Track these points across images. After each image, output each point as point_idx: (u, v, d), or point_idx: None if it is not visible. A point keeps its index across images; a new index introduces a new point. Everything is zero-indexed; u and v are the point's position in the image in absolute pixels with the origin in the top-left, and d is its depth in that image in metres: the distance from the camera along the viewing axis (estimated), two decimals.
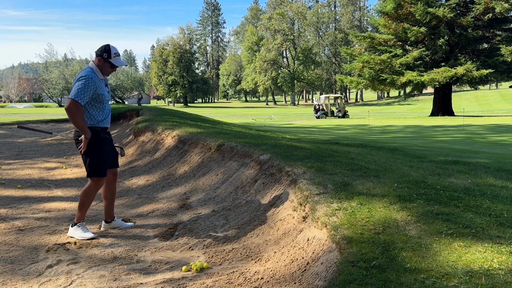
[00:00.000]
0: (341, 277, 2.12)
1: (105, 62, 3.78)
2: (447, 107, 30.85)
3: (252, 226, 3.67)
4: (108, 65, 3.80)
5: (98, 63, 3.78)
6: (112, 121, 15.77)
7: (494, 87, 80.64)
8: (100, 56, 3.77)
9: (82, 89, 3.58)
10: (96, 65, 3.78)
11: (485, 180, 4.00)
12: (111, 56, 3.79)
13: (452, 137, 13.57)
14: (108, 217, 4.09)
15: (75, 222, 3.85)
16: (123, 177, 6.89)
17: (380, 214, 2.81)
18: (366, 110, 46.62)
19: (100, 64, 3.79)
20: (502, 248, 2.27)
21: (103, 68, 3.80)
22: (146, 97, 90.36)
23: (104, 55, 3.75)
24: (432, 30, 28.68)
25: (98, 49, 3.80)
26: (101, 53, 3.76)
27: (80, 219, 3.84)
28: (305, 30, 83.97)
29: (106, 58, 3.77)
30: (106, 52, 3.76)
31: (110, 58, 3.78)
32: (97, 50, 3.80)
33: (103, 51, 3.77)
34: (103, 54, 3.75)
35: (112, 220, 4.09)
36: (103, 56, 3.76)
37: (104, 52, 3.76)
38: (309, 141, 7.14)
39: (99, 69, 3.79)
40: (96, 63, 3.79)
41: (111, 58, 3.79)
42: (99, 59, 3.77)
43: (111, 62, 3.80)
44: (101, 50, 3.78)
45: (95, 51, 3.82)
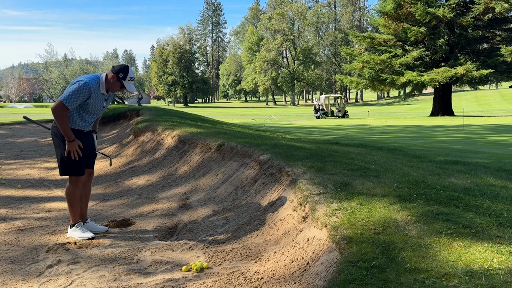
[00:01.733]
0: (341, 277, 2.12)
1: (117, 81, 3.74)
2: (447, 107, 30.85)
3: (252, 226, 3.67)
4: (118, 85, 3.75)
5: (111, 79, 3.73)
6: (112, 121, 15.80)
7: (494, 87, 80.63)
8: (115, 74, 3.72)
9: (74, 94, 3.52)
10: (108, 80, 3.74)
11: (485, 180, 4.01)
12: (126, 79, 3.75)
13: (452, 137, 13.57)
14: (80, 218, 3.96)
15: (72, 223, 3.84)
16: (123, 177, 6.89)
17: (380, 214, 2.81)
18: (366, 110, 46.62)
19: (112, 82, 3.74)
20: (502, 248, 2.27)
21: (112, 85, 3.76)
22: (146, 97, 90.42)
23: (120, 75, 3.72)
24: (432, 30, 28.69)
25: (117, 66, 3.77)
26: (117, 72, 3.72)
27: (75, 220, 3.81)
28: (305, 30, 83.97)
29: (121, 78, 3.73)
30: (123, 73, 3.73)
31: (124, 80, 3.74)
32: (115, 67, 3.76)
33: (120, 71, 3.73)
34: (119, 74, 3.72)
35: (84, 222, 3.96)
36: (118, 75, 3.72)
37: (121, 72, 3.72)
38: (309, 141, 7.15)
39: (107, 84, 3.74)
40: (108, 78, 3.74)
41: (125, 80, 3.75)
42: (113, 76, 3.72)
43: (123, 84, 3.76)
44: (119, 69, 3.74)
45: (114, 66, 3.78)
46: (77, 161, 3.70)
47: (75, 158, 3.66)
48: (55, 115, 3.52)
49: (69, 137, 3.61)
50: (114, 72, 3.71)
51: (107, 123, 16.02)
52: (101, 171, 7.66)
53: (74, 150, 3.64)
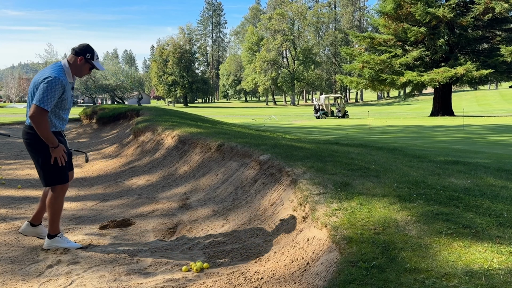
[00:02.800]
0: (341, 277, 2.12)
1: (86, 63, 3.38)
2: (447, 107, 30.86)
3: (252, 226, 3.67)
4: (88, 67, 3.40)
5: (78, 62, 3.34)
6: (112, 121, 15.80)
7: (494, 87, 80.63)
8: (82, 56, 3.34)
9: (49, 93, 3.13)
10: (73, 65, 3.35)
11: (485, 180, 4.00)
12: (94, 58, 3.41)
13: (452, 137, 13.57)
14: (36, 219, 3.63)
15: (51, 234, 3.44)
16: (123, 177, 6.90)
17: (380, 214, 2.81)
18: (366, 110, 46.63)
19: (80, 64, 3.36)
20: (502, 248, 2.27)
21: (81, 69, 3.39)
22: (146, 97, 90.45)
23: (88, 55, 3.36)
24: (432, 30, 28.70)
25: (79, 47, 3.37)
26: (83, 53, 3.34)
27: (56, 230, 3.45)
28: (305, 30, 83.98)
29: (89, 59, 3.38)
30: (90, 52, 3.37)
31: (93, 59, 3.39)
32: (78, 48, 3.36)
33: (86, 51, 3.36)
34: (86, 54, 3.35)
35: (38, 224, 3.65)
36: (85, 56, 3.36)
37: (88, 52, 3.36)
38: (309, 141, 7.14)
39: (74, 69, 3.37)
40: (72, 62, 3.34)
41: (93, 60, 3.40)
42: (81, 59, 3.34)
43: (94, 65, 3.40)
44: (84, 49, 3.37)
45: (74, 48, 3.36)
46: (62, 168, 3.36)
47: (62, 164, 3.32)
48: (36, 122, 3.13)
49: (53, 143, 3.23)
50: (80, 54, 3.34)
51: (107, 123, 16.02)
52: (101, 171, 7.67)
53: (60, 156, 3.29)
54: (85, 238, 3.80)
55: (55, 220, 3.44)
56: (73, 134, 16.20)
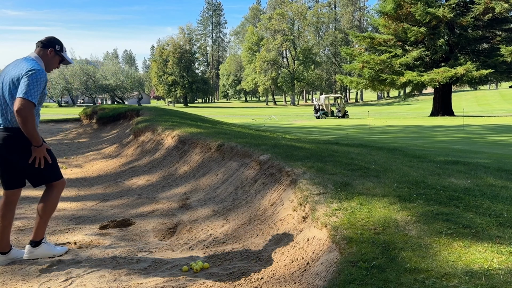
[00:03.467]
0: (341, 277, 2.12)
1: (55, 55, 3.17)
2: (447, 107, 30.87)
3: (252, 226, 3.67)
4: (58, 60, 3.20)
5: (48, 55, 3.13)
6: (112, 121, 15.79)
7: (494, 87, 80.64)
8: (52, 48, 3.14)
9: (36, 85, 2.88)
10: (41, 58, 3.11)
11: (485, 180, 4.01)
12: (63, 50, 3.22)
13: (452, 137, 13.58)
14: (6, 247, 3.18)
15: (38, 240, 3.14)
16: (123, 177, 6.89)
17: (380, 214, 2.81)
18: (366, 110, 46.63)
19: (49, 57, 3.15)
20: (502, 248, 2.27)
21: (51, 63, 3.17)
22: (146, 97, 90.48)
23: (57, 47, 3.16)
24: (432, 30, 28.70)
25: (46, 40, 3.16)
26: (53, 44, 3.14)
27: (42, 235, 3.18)
28: (305, 30, 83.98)
29: (59, 51, 3.18)
30: (59, 44, 3.18)
31: (62, 51, 3.21)
32: (46, 41, 3.15)
33: (55, 42, 3.16)
34: (55, 46, 3.15)
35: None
36: (55, 48, 3.15)
37: (57, 43, 3.16)
38: (309, 141, 7.14)
39: (45, 63, 3.14)
40: (41, 55, 3.12)
41: (63, 52, 3.22)
42: (51, 51, 3.13)
43: (64, 57, 3.23)
44: (53, 41, 3.17)
45: (41, 41, 3.15)
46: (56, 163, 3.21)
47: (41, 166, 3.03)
48: (23, 117, 2.80)
49: (38, 141, 2.96)
50: (49, 46, 3.14)
51: (107, 123, 16.03)
52: (101, 171, 7.67)
53: (42, 157, 3.02)
54: (85, 238, 3.80)
55: (46, 223, 3.19)
56: (73, 134, 16.20)
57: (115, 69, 63.39)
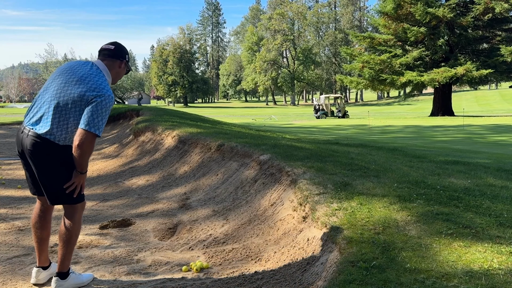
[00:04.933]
0: (341, 277, 2.12)
1: (125, 67, 2.83)
2: (447, 107, 30.87)
3: (252, 226, 3.67)
4: (124, 72, 2.85)
5: (119, 68, 2.78)
6: (112, 121, 15.81)
7: (494, 87, 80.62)
8: (124, 60, 2.79)
9: (103, 115, 2.52)
10: (113, 72, 2.75)
11: (485, 180, 4.00)
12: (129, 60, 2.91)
13: (452, 137, 13.58)
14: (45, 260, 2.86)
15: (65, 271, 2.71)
16: (123, 177, 6.89)
17: (380, 214, 2.81)
18: (366, 110, 46.63)
19: (119, 70, 2.79)
20: (502, 248, 2.27)
21: (119, 76, 2.82)
22: (146, 97, 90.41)
23: (127, 57, 2.82)
24: (432, 30, 28.70)
25: (118, 49, 2.76)
26: (124, 55, 2.78)
27: (68, 265, 2.74)
28: (305, 30, 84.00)
29: (128, 61, 2.84)
30: (128, 54, 2.84)
31: (129, 61, 2.88)
32: (118, 50, 2.75)
33: (125, 52, 2.80)
34: (126, 56, 2.80)
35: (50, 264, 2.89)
36: (126, 59, 2.81)
37: (127, 53, 2.82)
38: (309, 141, 7.14)
39: (115, 77, 2.78)
40: (110, 68, 2.73)
41: (129, 62, 2.88)
42: (122, 63, 2.78)
43: (130, 67, 2.91)
44: (123, 50, 2.80)
45: (111, 50, 2.73)
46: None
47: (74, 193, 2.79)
48: (84, 151, 2.50)
49: (85, 168, 2.67)
50: (122, 58, 2.77)
51: (107, 123, 16.02)
52: (101, 171, 7.67)
53: (80, 184, 2.79)
54: (85, 238, 3.80)
55: (72, 252, 2.75)
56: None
57: None
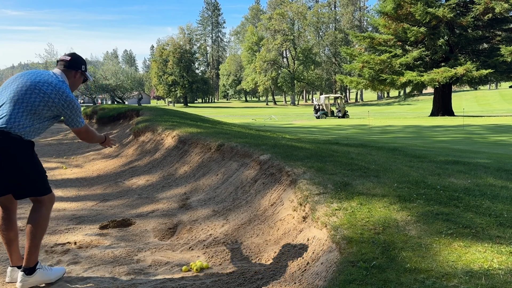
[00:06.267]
0: (341, 277, 2.12)
1: (81, 76, 3.01)
2: (447, 107, 30.87)
3: (252, 226, 3.67)
4: (81, 80, 3.04)
5: (75, 77, 2.95)
6: (112, 121, 15.80)
7: (494, 87, 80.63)
8: (79, 70, 2.96)
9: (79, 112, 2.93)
10: (69, 81, 2.90)
11: (485, 180, 4.00)
12: (87, 69, 3.08)
13: (452, 137, 13.57)
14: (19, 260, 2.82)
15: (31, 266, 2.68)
16: (123, 177, 6.89)
17: (380, 214, 2.81)
18: (366, 110, 46.63)
19: (76, 79, 2.97)
20: (502, 248, 2.27)
21: (76, 85, 3.00)
22: (146, 97, 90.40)
23: (83, 67, 2.99)
24: (432, 30, 28.70)
25: (73, 60, 2.93)
26: (79, 66, 2.96)
27: (36, 259, 2.72)
28: (305, 30, 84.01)
29: (84, 71, 3.03)
30: (84, 64, 3.01)
31: (86, 71, 3.06)
32: (73, 61, 2.93)
33: (81, 63, 2.98)
34: (81, 67, 2.98)
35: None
36: (82, 69, 2.99)
37: (83, 63, 2.99)
38: (309, 141, 7.14)
39: (71, 86, 2.94)
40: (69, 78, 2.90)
41: (86, 71, 3.08)
42: (77, 73, 2.96)
43: (87, 76, 3.08)
44: (79, 61, 2.97)
45: (67, 61, 2.90)
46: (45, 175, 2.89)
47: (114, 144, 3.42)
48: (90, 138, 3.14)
49: (101, 140, 3.26)
50: (77, 68, 2.95)
51: (107, 123, 16.03)
52: (101, 171, 7.67)
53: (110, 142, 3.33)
54: (85, 238, 3.80)
55: (39, 246, 2.75)
56: (74, 134, 16.19)
57: (115, 69, 63.31)
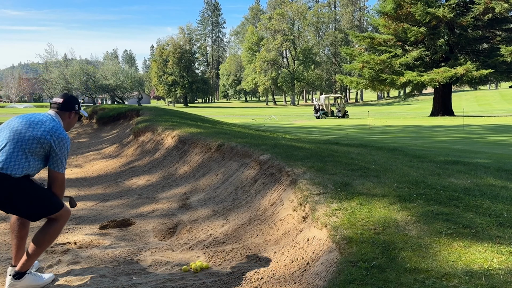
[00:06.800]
0: (341, 277, 2.12)
1: (76, 115, 3.03)
2: (447, 107, 30.86)
3: (252, 226, 3.67)
4: (77, 119, 3.07)
5: (69, 118, 2.97)
6: (112, 121, 15.80)
7: (494, 87, 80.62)
8: (73, 111, 2.98)
9: (66, 156, 2.86)
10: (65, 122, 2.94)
11: (485, 180, 4.00)
12: (80, 107, 3.06)
13: (452, 137, 13.57)
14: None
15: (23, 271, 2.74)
16: (123, 177, 6.89)
17: (380, 214, 2.81)
18: (366, 110, 46.63)
19: (71, 119, 2.99)
20: (502, 248, 2.27)
21: (71, 124, 3.02)
22: (146, 97, 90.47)
23: (76, 107, 2.99)
24: (432, 30, 28.69)
25: (67, 101, 2.94)
26: (73, 106, 2.97)
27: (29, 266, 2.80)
28: (305, 30, 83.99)
29: (78, 110, 3.02)
30: (77, 103, 3.01)
31: (80, 109, 3.06)
32: (67, 102, 2.94)
33: (74, 103, 2.98)
34: (75, 107, 2.98)
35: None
36: (75, 109, 2.99)
37: (76, 103, 3.00)
38: (309, 141, 7.14)
39: (67, 126, 2.97)
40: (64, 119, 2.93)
41: (81, 109, 3.07)
42: (71, 114, 2.97)
43: (81, 114, 3.09)
44: (72, 101, 2.98)
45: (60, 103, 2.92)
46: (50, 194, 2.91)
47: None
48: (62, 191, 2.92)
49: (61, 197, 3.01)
50: (71, 109, 2.96)
51: (107, 123, 16.03)
52: (101, 171, 7.67)
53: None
54: (85, 238, 3.80)
55: (38, 255, 2.83)
56: (73, 134, 16.20)
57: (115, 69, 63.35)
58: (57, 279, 2.92)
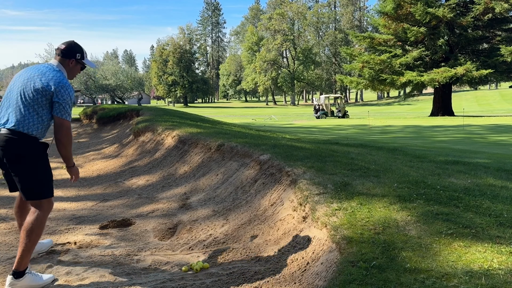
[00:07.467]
0: (341, 277, 2.12)
1: (77, 64, 3.05)
2: (447, 107, 30.86)
3: (252, 226, 3.67)
4: (79, 68, 3.08)
5: (68, 66, 3.00)
6: (112, 121, 15.80)
7: (494, 87, 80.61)
8: (73, 58, 3.01)
9: (70, 103, 2.86)
10: (65, 69, 2.98)
11: (485, 180, 4.00)
12: (84, 57, 3.09)
13: (452, 137, 13.57)
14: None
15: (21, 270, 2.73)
16: (123, 177, 6.89)
17: (380, 214, 2.81)
18: (366, 110, 46.62)
19: (71, 67, 3.02)
20: (502, 248, 2.27)
21: (73, 72, 3.05)
22: (146, 97, 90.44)
23: (78, 55, 3.03)
24: (432, 30, 28.70)
25: (66, 48, 2.99)
26: (73, 54, 3.00)
27: (27, 264, 2.77)
28: (305, 30, 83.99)
29: (80, 59, 3.05)
30: (80, 52, 3.04)
31: (83, 59, 3.08)
32: (66, 49, 2.98)
33: (76, 51, 3.02)
34: (76, 55, 3.02)
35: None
36: (76, 58, 3.02)
37: (78, 52, 3.03)
38: (309, 141, 7.14)
39: (67, 73, 3.00)
40: (64, 66, 2.98)
41: (84, 59, 3.10)
42: (71, 61, 3.00)
43: (84, 64, 3.11)
44: (74, 49, 3.02)
45: (61, 49, 2.98)
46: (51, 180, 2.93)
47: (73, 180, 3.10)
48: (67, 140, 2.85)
49: (71, 162, 3.01)
50: (71, 57, 3.00)
51: (107, 123, 16.03)
52: (101, 171, 7.67)
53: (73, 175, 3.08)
54: (85, 238, 3.80)
55: (32, 250, 2.79)
56: (73, 134, 16.21)
57: (115, 69, 63.32)
58: (57, 279, 2.92)
